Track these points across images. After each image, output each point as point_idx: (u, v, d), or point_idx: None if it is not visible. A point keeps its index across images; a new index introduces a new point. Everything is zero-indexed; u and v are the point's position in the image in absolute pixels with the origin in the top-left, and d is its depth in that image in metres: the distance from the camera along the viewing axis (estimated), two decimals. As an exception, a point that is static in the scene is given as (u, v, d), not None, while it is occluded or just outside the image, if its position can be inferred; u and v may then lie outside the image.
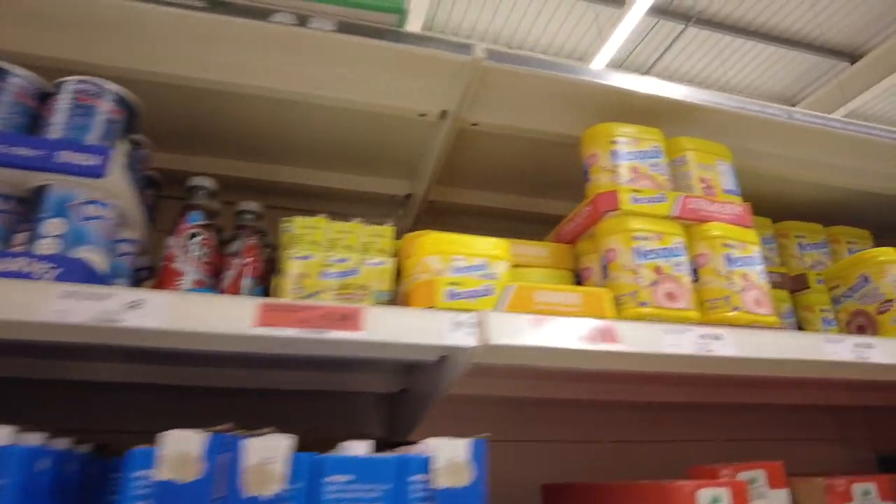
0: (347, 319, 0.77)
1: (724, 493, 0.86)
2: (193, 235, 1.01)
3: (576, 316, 0.89)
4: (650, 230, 1.00)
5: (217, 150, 1.28)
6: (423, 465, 0.72)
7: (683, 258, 1.00)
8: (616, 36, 5.59)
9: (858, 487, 1.03)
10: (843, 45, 6.64)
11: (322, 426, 1.19)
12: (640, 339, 0.89)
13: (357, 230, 1.03)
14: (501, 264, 0.93)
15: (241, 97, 1.10)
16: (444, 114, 1.15)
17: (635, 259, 0.97)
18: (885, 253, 1.18)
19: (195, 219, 1.03)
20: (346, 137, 1.27)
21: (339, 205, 1.48)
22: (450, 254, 0.90)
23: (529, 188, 1.48)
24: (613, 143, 1.07)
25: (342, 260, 0.96)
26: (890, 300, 1.14)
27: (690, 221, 1.04)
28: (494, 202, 1.51)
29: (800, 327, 1.40)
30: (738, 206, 1.08)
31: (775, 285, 1.38)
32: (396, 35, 0.98)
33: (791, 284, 1.41)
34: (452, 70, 1.04)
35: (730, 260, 1.01)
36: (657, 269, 0.97)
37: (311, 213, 1.14)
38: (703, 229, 1.04)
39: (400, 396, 1.31)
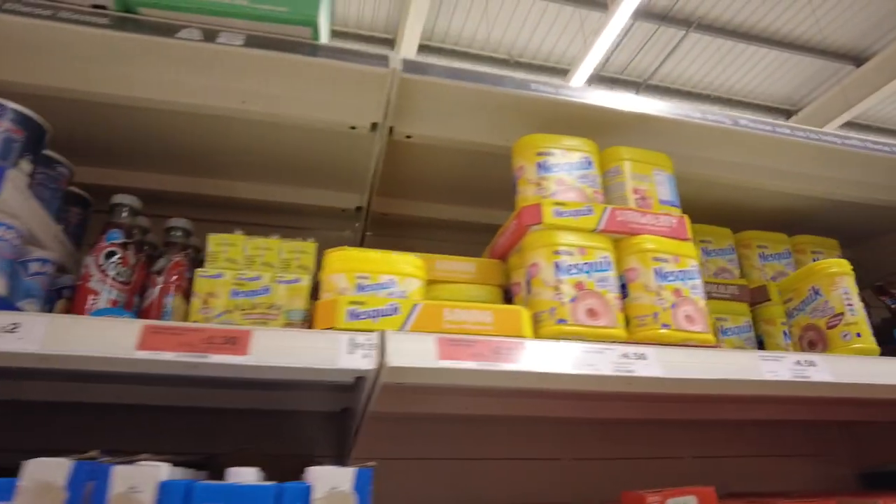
0: (233, 343, 0.75)
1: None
2: (110, 255, 1.00)
3: (488, 335, 0.86)
4: (573, 244, 0.96)
5: (156, 166, 1.27)
6: (303, 494, 0.69)
7: (610, 273, 0.97)
8: (600, 42, 5.54)
9: (804, 513, 0.98)
10: (846, 48, 6.53)
11: (248, 447, 1.16)
12: (552, 359, 0.85)
13: (276, 246, 1.01)
14: (412, 281, 0.90)
15: (165, 113, 1.09)
16: (374, 126, 1.13)
17: (556, 274, 0.94)
18: (837, 265, 1.13)
19: (113, 237, 1.01)
20: (285, 151, 1.25)
21: (293, 219, 1.46)
22: (355, 271, 0.87)
23: (478, 199, 1.45)
24: (540, 154, 1.03)
25: (254, 278, 0.94)
26: (839, 314, 1.09)
27: (619, 235, 1.00)
28: (446, 214, 1.48)
29: (760, 342, 1.35)
30: (673, 218, 1.04)
31: (734, 298, 1.33)
32: (310, 48, 0.96)
33: (751, 297, 1.36)
34: (373, 82, 1.02)
35: (660, 275, 0.97)
36: (579, 285, 0.93)
37: (262, 227, 1.14)
38: (634, 243, 1.00)
39: (342, 415, 1.28)
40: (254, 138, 1.19)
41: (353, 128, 1.15)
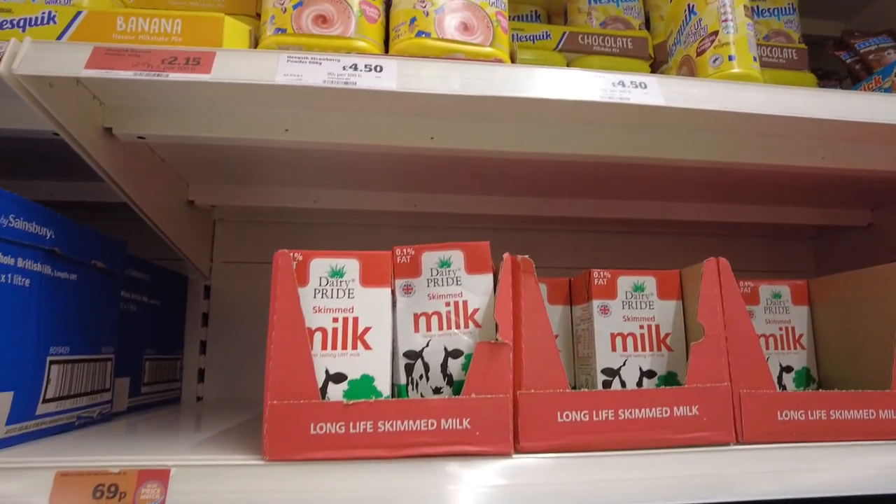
0: None
1: (349, 265, 0.65)
2: None
3: (174, 46, 0.68)
4: (310, -63, 0.73)
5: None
6: None
7: (360, -26, 0.74)
8: None
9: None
10: None
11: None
12: (243, 68, 0.67)
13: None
14: (87, -10, 0.72)
15: None
16: None
17: (283, -24, 0.72)
18: (715, -30, 0.83)
19: None
20: None
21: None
22: (8, -24, 0.70)
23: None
24: None
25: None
26: (713, 33, 0.81)
27: (387, -75, 0.76)
28: None
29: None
30: None
31: (624, 53, 1.06)
32: None
33: (655, 55, 1.07)
34: None
35: (430, -27, 0.73)
36: (309, -13, 0.72)
37: None
38: (405, -65, 0.76)
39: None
40: None
41: None
